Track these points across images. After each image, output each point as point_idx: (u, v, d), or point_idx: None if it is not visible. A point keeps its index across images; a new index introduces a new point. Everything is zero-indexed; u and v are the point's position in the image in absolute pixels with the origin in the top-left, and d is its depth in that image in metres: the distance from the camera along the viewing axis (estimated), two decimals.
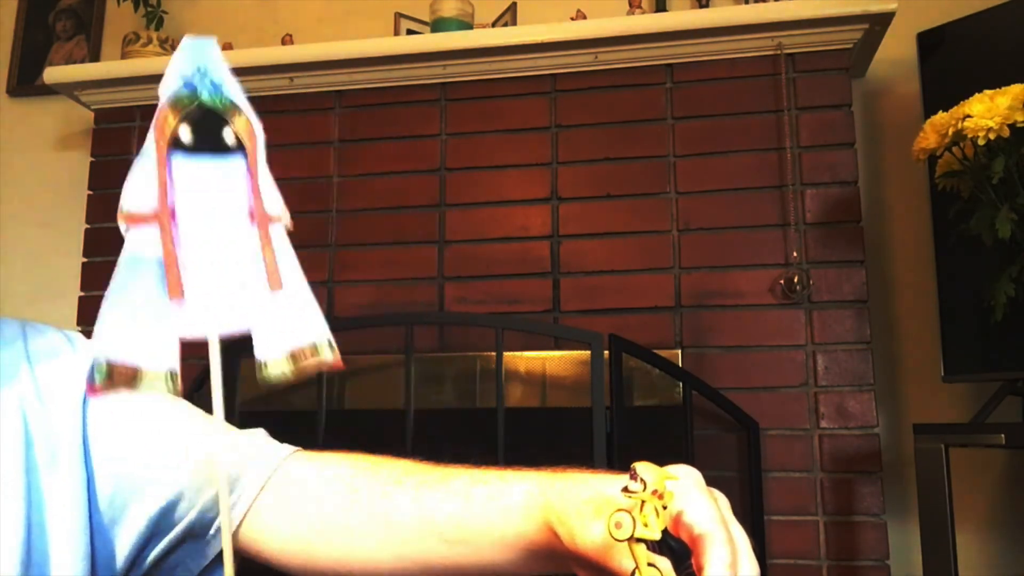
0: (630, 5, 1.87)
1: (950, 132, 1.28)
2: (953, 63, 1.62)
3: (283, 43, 2.01)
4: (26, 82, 2.34)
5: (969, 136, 1.25)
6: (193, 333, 0.34)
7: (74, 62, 2.29)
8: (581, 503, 0.44)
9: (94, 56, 2.31)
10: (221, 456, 0.35)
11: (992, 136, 1.23)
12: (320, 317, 0.36)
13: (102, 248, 2.00)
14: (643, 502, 0.38)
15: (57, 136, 2.31)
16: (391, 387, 1.72)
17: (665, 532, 0.39)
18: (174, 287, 0.33)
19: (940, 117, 1.31)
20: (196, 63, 0.35)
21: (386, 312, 1.81)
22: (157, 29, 2.11)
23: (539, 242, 1.79)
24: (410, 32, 2.01)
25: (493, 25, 1.97)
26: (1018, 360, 1.38)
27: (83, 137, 2.21)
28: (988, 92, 1.26)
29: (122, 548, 0.56)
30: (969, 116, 1.25)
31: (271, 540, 0.57)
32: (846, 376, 1.61)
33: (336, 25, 2.14)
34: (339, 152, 1.92)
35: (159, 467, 0.56)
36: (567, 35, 1.78)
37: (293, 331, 0.35)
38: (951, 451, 1.29)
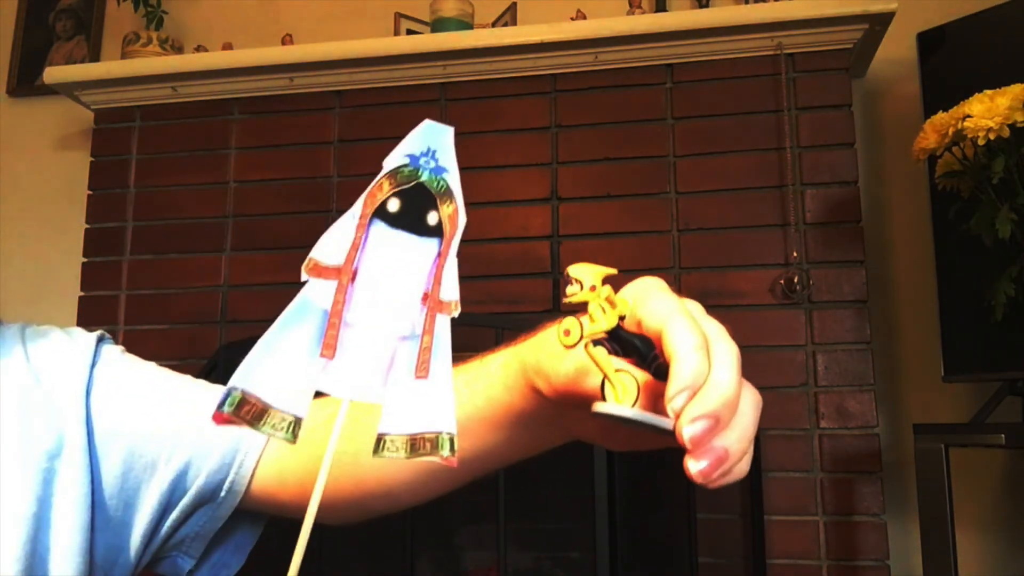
0: (630, 5, 1.87)
1: (950, 132, 1.28)
2: (953, 63, 1.62)
3: (283, 43, 2.01)
4: (26, 82, 2.34)
5: (969, 136, 1.25)
6: (330, 390, 0.34)
7: (74, 62, 2.29)
8: (551, 346, 0.44)
9: (94, 56, 2.31)
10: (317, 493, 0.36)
11: (992, 136, 1.23)
12: (451, 413, 0.35)
13: (102, 248, 2.00)
14: (587, 304, 0.36)
15: (57, 136, 2.31)
16: None
17: (622, 330, 0.36)
18: (329, 344, 0.33)
19: (940, 117, 1.31)
20: (427, 144, 0.36)
21: None
22: (157, 29, 2.11)
23: (539, 242, 1.79)
24: (410, 32, 2.01)
25: (493, 25, 1.97)
26: (1018, 360, 1.38)
27: (83, 137, 2.21)
28: (988, 92, 1.26)
29: (138, 528, 0.56)
30: (969, 116, 1.25)
31: (283, 485, 0.58)
32: (846, 376, 1.61)
33: (336, 25, 2.14)
34: (339, 152, 1.92)
35: (167, 440, 0.57)
36: (567, 35, 1.78)
37: (421, 418, 0.35)
38: (951, 451, 1.29)
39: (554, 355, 0.43)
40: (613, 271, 0.37)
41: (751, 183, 1.72)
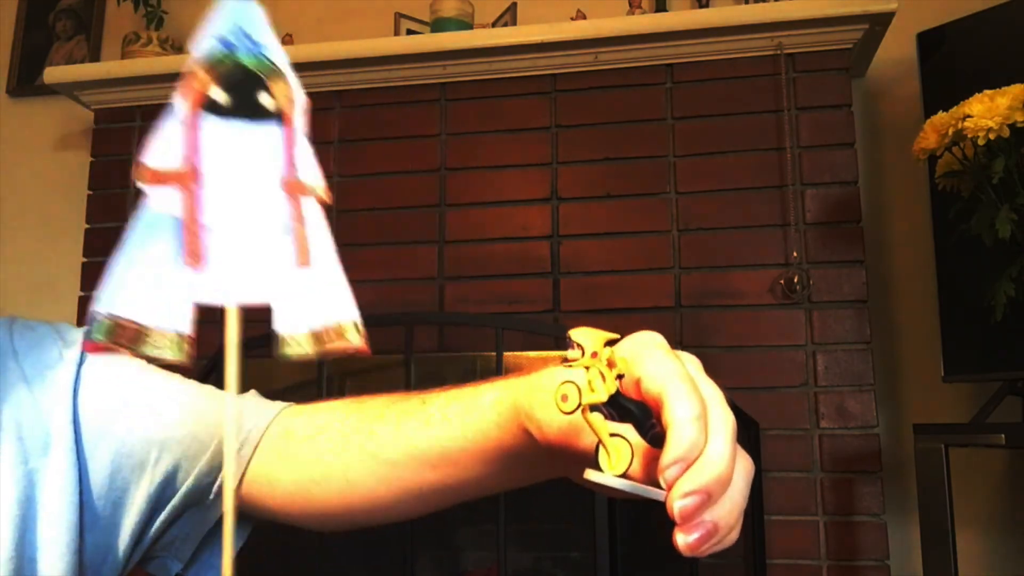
0: (630, 5, 1.87)
1: (950, 132, 1.28)
2: (953, 63, 1.62)
3: (283, 43, 2.00)
4: (26, 82, 2.34)
5: (969, 136, 1.25)
6: (211, 300, 0.32)
7: (74, 62, 2.29)
8: (545, 394, 0.43)
9: (94, 56, 2.31)
10: (229, 428, 0.34)
11: (992, 136, 1.23)
12: (349, 297, 0.34)
13: (102, 248, 2.00)
14: (587, 368, 0.35)
15: (57, 136, 2.31)
16: (391, 387, 1.72)
17: (620, 396, 0.36)
18: (192, 252, 0.31)
19: (940, 117, 1.31)
20: (236, 22, 0.33)
21: (386, 312, 1.81)
22: (157, 29, 2.11)
23: (539, 242, 1.79)
24: (410, 32, 2.01)
25: (493, 25, 1.97)
26: (1018, 360, 1.38)
27: (83, 137, 2.21)
28: (988, 92, 1.26)
29: (127, 528, 0.56)
30: (969, 116, 1.25)
31: (272, 493, 0.58)
32: (846, 376, 1.61)
33: (336, 25, 2.14)
34: (339, 152, 1.92)
35: (155, 441, 0.56)
36: (567, 35, 1.78)
37: (318, 309, 0.34)
38: (951, 451, 1.29)
39: (548, 405, 0.42)
40: (615, 336, 0.37)
41: (751, 183, 1.72)
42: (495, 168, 1.83)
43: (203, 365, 1.68)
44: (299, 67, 0.38)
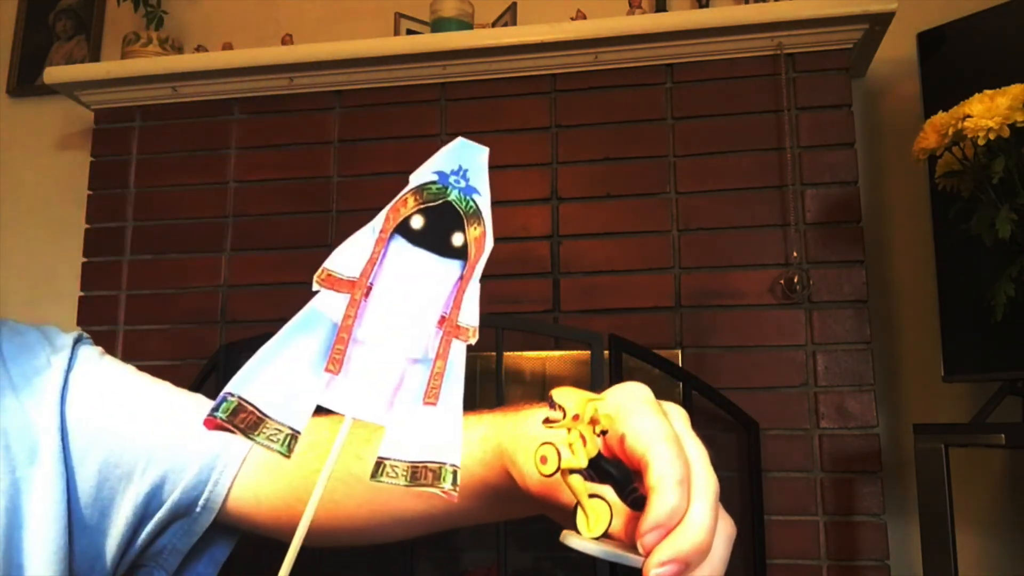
0: (630, 5, 1.87)
1: (950, 132, 1.28)
2: (953, 63, 1.62)
3: (283, 43, 2.01)
4: (26, 82, 2.34)
5: (969, 136, 1.25)
6: (332, 406, 0.33)
7: (74, 62, 2.29)
8: (529, 441, 0.43)
9: (94, 56, 2.31)
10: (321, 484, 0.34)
11: (992, 136, 1.23)
12: (458, 445, 0.34)
13: (102, 248, 2.00)
14: (568, 431, 0.35)
15: (57, 136, 2.31)
16: None
17: (602, 459, 0.36)
18: (335, 359, 0.32)
19: (940, 117, 1.31)
20: (459, 162, 0.35)
21: None
22: (157, 29, 2.11)
23: (539, 242, 1.79)
24: (410, 32, 2.01)
25: (493, 25, 1.97)
26: (1018, 360, 1.38)
27: (83, 137, 2.21)
28: (988, 92, 1.26)
29: (114, 537, 0.56)
30: (969, 116, 1.25)
31: (258, 508, 0.58)
32: (846, 376, 1.61)
33: (336, 25, 2.14)
34: (339, 152, 1.92)
35: (143, 452, 0.56)
36: (567, 35, 1.78)
37: (425, 446, 0.34)
38: (951, 451, 1.29)
39: (530, 454, 0.43)
40: (600, 397, 0.36)
41: (751, 183, 1.72)
42: (495, 168, 1.81)
43: (204, 365, 1.68)
44: (299, 67, 0.38)
